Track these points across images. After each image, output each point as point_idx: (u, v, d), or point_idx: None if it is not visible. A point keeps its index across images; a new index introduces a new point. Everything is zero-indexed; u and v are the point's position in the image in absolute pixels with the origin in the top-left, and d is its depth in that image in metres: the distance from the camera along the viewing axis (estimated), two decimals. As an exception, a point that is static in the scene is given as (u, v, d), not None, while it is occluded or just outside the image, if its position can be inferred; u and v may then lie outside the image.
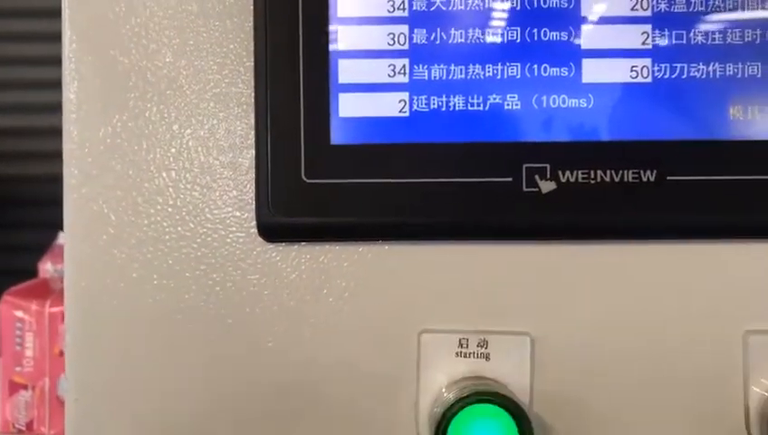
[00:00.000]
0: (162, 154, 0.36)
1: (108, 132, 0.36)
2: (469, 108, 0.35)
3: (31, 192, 1.33)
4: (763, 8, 0.35)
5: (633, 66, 0.35)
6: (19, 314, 0.82)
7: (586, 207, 0.35)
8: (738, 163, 0.35)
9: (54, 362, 0.81)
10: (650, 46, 0.35)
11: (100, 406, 0.37)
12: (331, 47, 0.35)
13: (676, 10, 0.35)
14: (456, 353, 0.36)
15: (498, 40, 0.35)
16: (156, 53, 0.36)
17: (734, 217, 0.35)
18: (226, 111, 0.36)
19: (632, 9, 0.35)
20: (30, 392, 0.81)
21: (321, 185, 0.35)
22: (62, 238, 1.02)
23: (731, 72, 0.35)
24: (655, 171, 0.35)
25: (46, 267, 0.91)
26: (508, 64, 0.35)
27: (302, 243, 0.36)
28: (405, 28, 0.35)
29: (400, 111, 0.35)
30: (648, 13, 0.35)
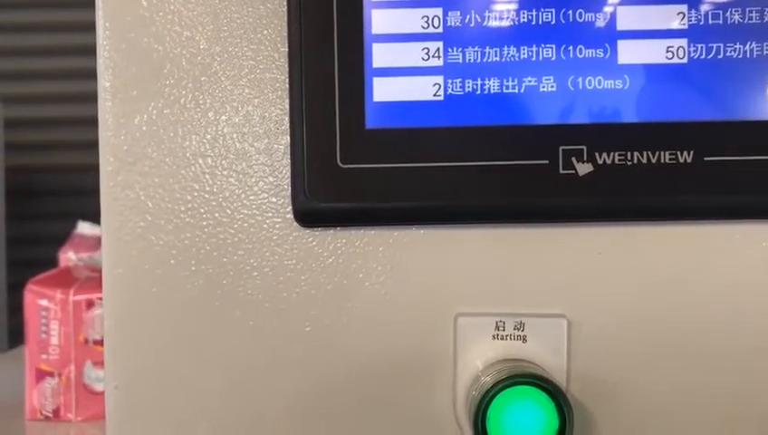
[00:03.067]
0: (198, 141, 0.36)
1: (143, 120, 0.36)
2: (504, 90, 0.35)
3: (45, 183, 1.34)
4: (801, -14, 0.35)
5: (669, 47, 0.35)
6: (44, 302, 0.82)
7: (623, 188, 0.35)
8: (777, 143, 0.35)
9: (80, 350, 0.82)
10: (686, 26, 0.35)
11: (140, 392, 0.37)
12: (365, 31, 0.35)
13: (714, -11, 0.35)
14: (493, 336, 0.36)
15: (533, 21, 0.35)
16: (190, 40, 0.36)
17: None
18: (261, 97, 0.36)
19: (669, -11, 0.35)
20: (56, 380, 0.82)
21: (356, 170, 0.35)
22: (81, 228, 1.03)
23: (768, 52, 0.35)
24: (692, 152, 0.35)
25: (68, 256, 0.92)
26: (543, 46, 0.35)
27: (338, 228, 0.36)
28: (439, 11, 0.35)
29: (435, 95, 0.35)
30: (685, -8, 0.35)
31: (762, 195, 0.35)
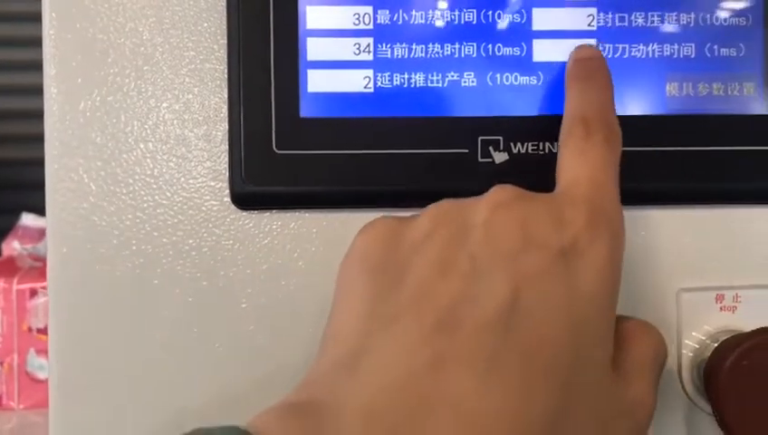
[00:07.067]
0: (139, 127, 0.38)
1: (87, 106, 0.38)
2: (429, 84, 0.38)
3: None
4: (697, -6, 0.38)
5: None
6: (-14, 291, 0.83)
7: (536, 175, 0.38)
8: (673, 136, 0.38)
9: (23, 339, 0.82)
10: (595, 28, 0.38)
11: (83, 370, 0.39)
12: (300, 26, 0.38)
13: (617, -5, 0.38)
14: (418, 312, 0.39)
15: (456, 21, 0.38)
16: (133, 31, 0.38)
17: (671, 184, 0.38)
18: (201, 86, 0.38)
19: (578, -7, 0.38)
20: (-1, 368, 0.83)
21: (290, 156, 0.38)
22: (25, 219, 1.03)
23: (668, 53, 0.38)
24: (599, 143, 0.38)
25: (13, 245, 0.92)
26: (465, 44, 0.38)
27: (274, 210, 0.39)
28: (369, 9, 0.38)
29: (365, 87, 0.38)
30: (594, -3, 0.38)
31: (662, 182, 0.39)
